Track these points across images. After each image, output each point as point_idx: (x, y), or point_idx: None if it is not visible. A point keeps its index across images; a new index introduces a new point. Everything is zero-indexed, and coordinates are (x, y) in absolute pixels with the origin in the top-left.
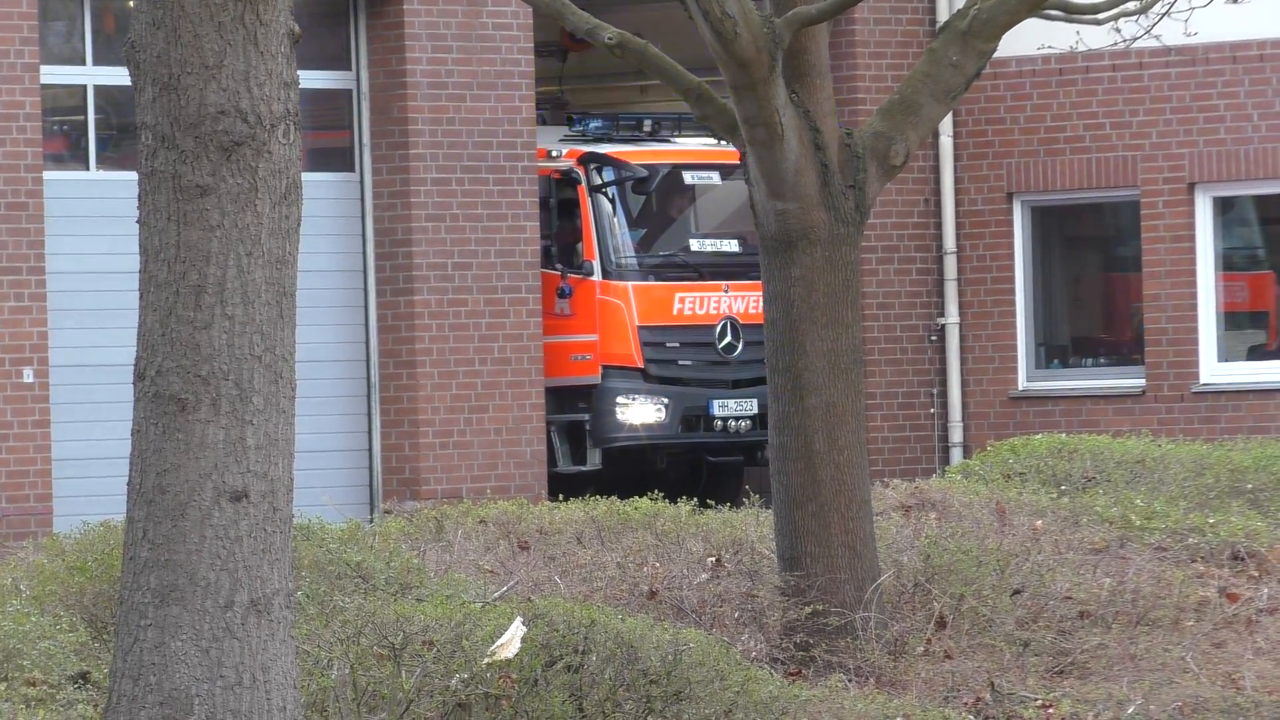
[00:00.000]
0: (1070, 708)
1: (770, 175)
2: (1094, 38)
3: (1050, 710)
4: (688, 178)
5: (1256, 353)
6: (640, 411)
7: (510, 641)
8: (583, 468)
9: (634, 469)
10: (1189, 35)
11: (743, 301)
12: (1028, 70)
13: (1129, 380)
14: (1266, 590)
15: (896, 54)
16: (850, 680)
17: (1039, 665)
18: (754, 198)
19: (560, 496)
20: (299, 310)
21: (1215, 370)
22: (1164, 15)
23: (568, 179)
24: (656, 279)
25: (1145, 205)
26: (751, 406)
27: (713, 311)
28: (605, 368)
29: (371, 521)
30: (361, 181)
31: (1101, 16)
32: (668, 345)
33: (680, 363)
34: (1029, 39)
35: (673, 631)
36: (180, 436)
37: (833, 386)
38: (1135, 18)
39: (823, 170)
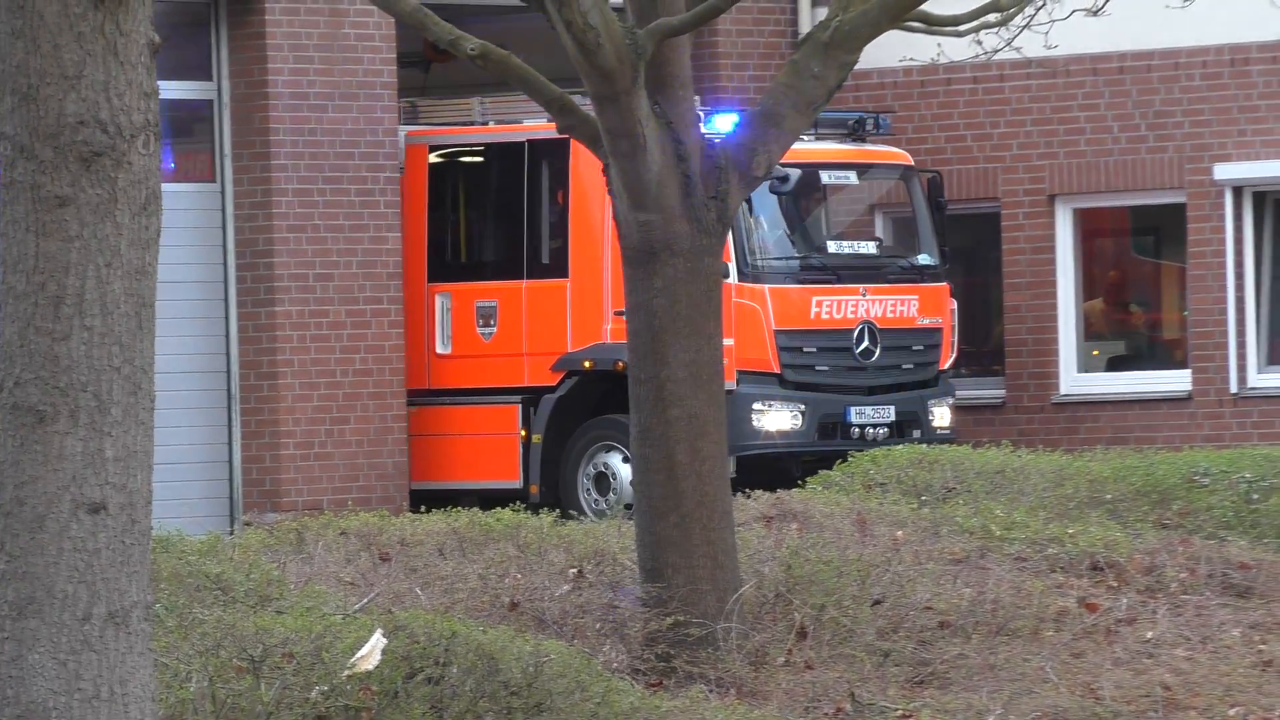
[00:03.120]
0: (930, 718)
1: (633, 186)
2: (955, 50)
3: None
4: (824, 177)
5: (1117, 364)
6: (776, 418)
7: (370, 653)
8: None
9: (767, 478)
10: (1049, 48)
11: (880, 305)
12: (889, 82)
13: (989, 391)
14: (1125, 600)
15: (759, 65)
16: (711, 691)
17: (899, 675)
18: (617, 209)
19: None
20: (159, 321)
21: (1075, 381)
22: (1024, 28)
23: None
24: (794, 282)
25: (1006, 217)
26: (889, 414)
27: (850, 315)
28: (740, 372)
29: (231, 533)
30: (223, 192)
31: (963, 29)
32: (804, 350)
33: (817, 368)
34: (891, 51)
35: (534, 643)
36: (38, 448)
37: (695, 398)
38: (996, 30)
39: (685, 181)
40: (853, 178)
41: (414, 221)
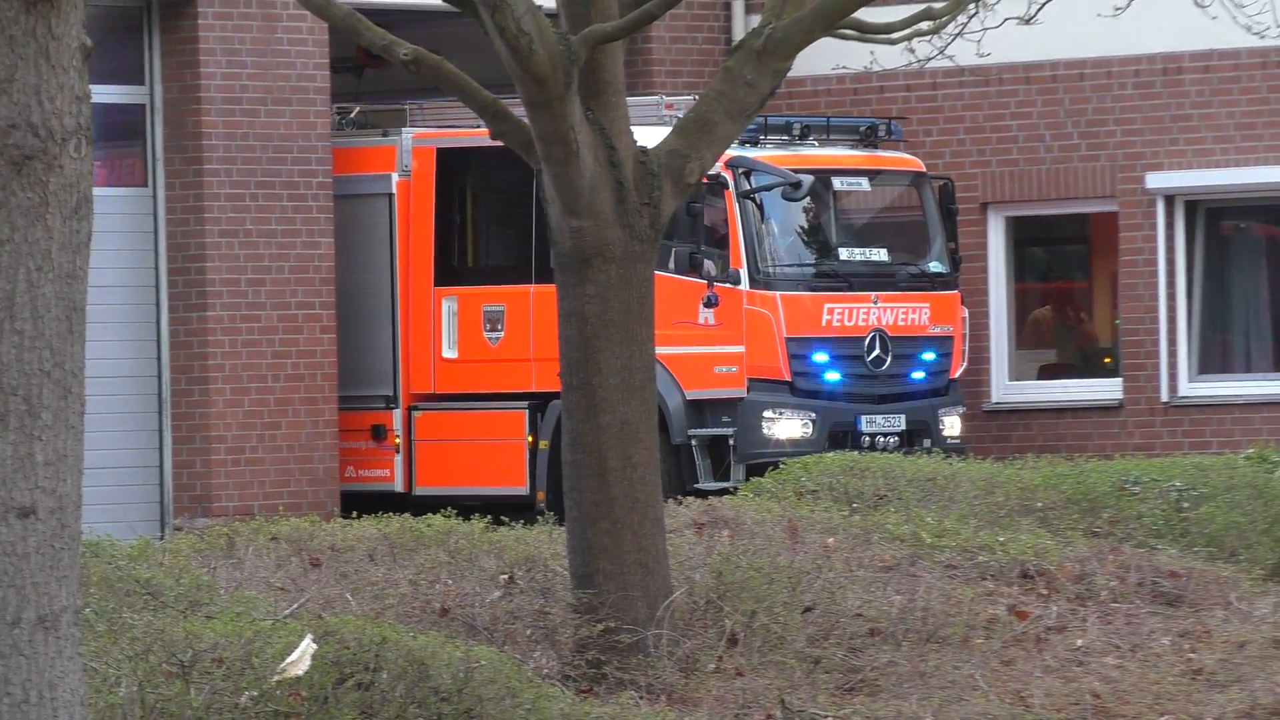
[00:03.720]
0: None
1: (566, 192)
2: (888, 58)
3: None
4: (837, 184)
5: (1048, 372)
6: (787, 426)
7: (300, 659)
8: (725, 484)
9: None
10: (982, 56)
11: (891, 313)
12: (823, 89)
13: None
14: (1055, 608)
15: (692, 72)
16: (642, 698)
17: (829, 682)
18: (549, 215)
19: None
20: (90, 326)
21: (1006, 389)
22: (957, 36)
23: (715, 184)
24: (805, 289)
25: None
26: (899, 423)
27: (861, 323)
28: (751, 380)
29: (162, 538)
30: (155, 196)
31: (895, 36)
32: (815, 358)
33: (828, 376)
34: (824, 58)
35: (464, 649)
36: None
37: (627, 404)
38: (929, 38)
39: (618, 188)
40: (864, 184)
41: (421, 224)
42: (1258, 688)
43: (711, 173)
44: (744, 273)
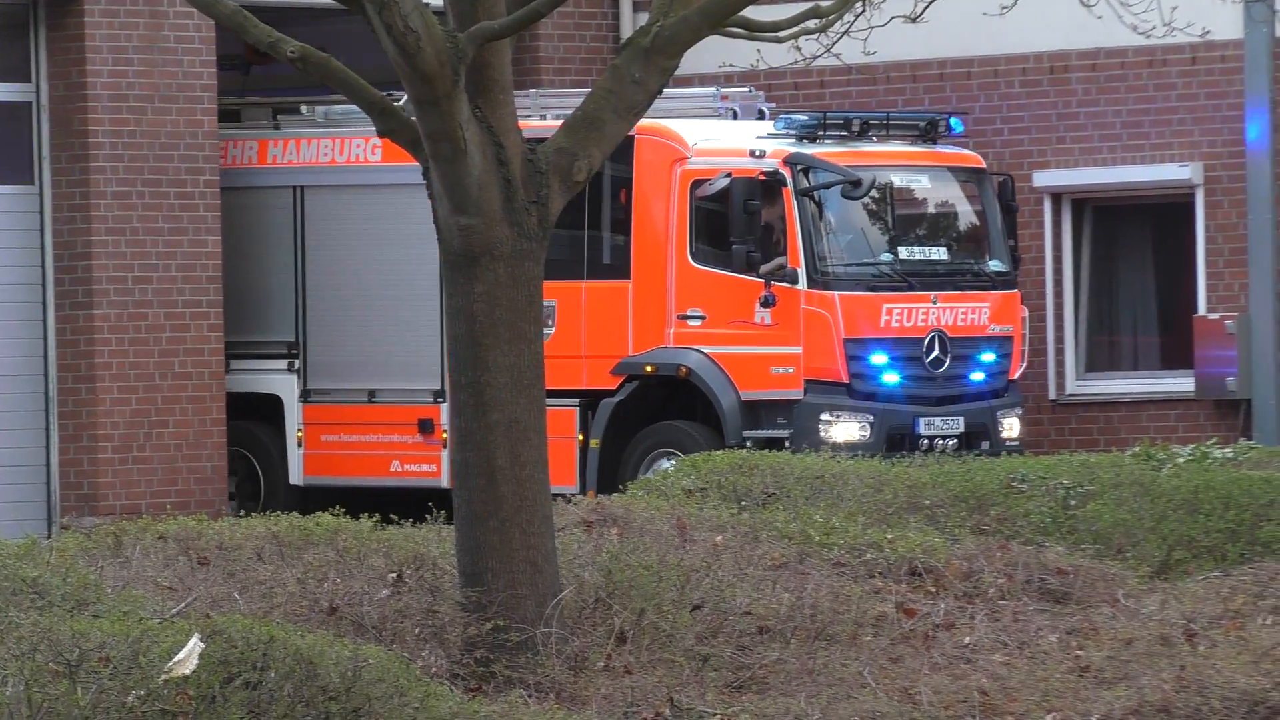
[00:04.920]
0: None
1: (454, 190)
2: (775, 56)
3: None
4: (897, 181)
5: None
6: (844, 429)
7: (188, 658)
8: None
9: None
10: (868, 54)
11: (951, 313)
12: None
13: None
14: (943, 606)
15: (581, 70)
16: (530, 696)
17: (718, 680)
18: (437, 213)
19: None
20: None
21: None
22: (844, 34)
23: (772, 181)
24: (864, 289)
25: None
26: (958, 424)
27: (920, 324)
28: (808, 381)
29: (49, 537)
30: (41, 194)
31: (782, 34)
32: (874, 359)
33: (886, 378)
34: (711, 56)
35: (352, 648)
36: None
37: (515, 402)
38: (816, 36)
39: (506, 186)
40: (924, 181)
41: None
42: (1145, 684)
43: (769, 170)
44: (802, 272)
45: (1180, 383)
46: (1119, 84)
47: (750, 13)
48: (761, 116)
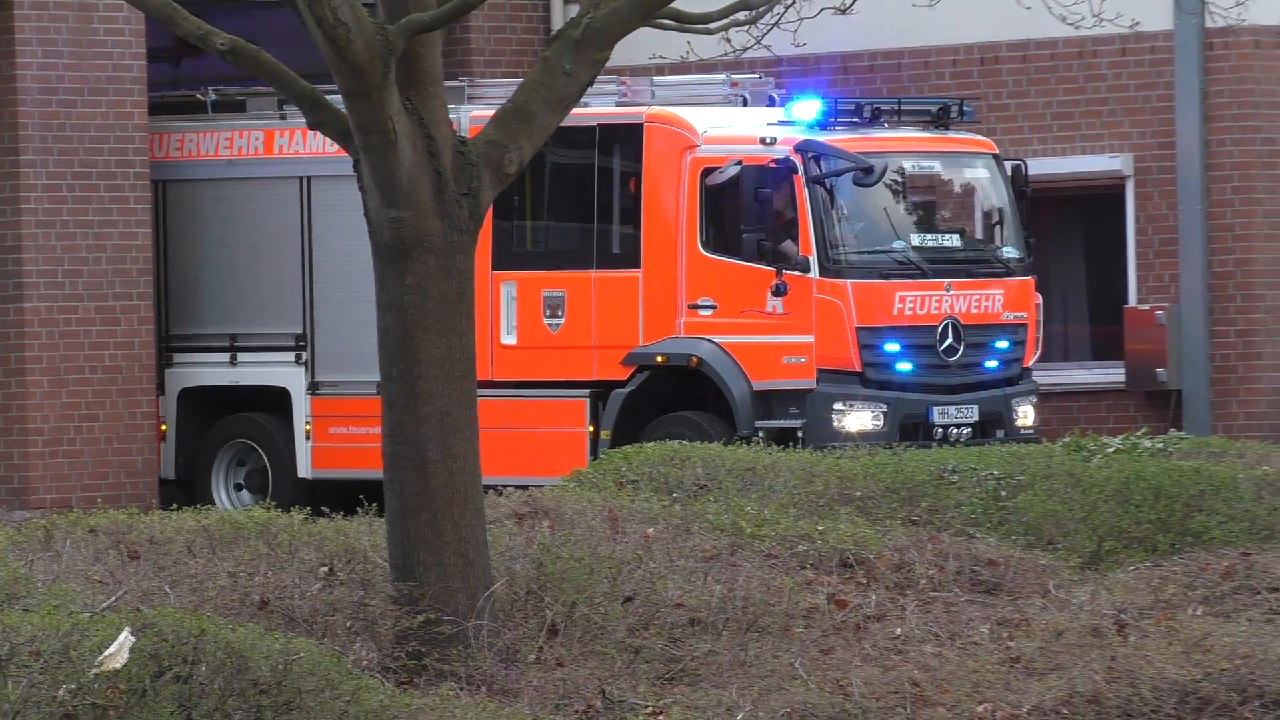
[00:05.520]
0: (681, 714)
1: (384, 183)
2: (705, 48)
3: (661, 717)
4: (909, 167)
5: None
6: (857, 418)
7: (118, 652)
8: None
9: None
10: (799, 46)
11: (965, 300)
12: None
13: None
14: (874, 597)
15: (511, 62)
16: (462, 689)
17: (650, 672)
18: (368, 205)
19: None
20: None
21: None
22: (774, 26)
23: (783, 168)
24: (876, 276)
25: None
26: (972, 413)
27: (934, 311)
28: (821, 371)
29: None
30: None
31: (713, 26)
32: (887, 348)
33: (899, 366)
34: (641, 48)
35: (283, 641)
36: None
37: (446, 394)
38: (746, 28)
39: (437, 178)
40: (937, 167)
41: None
42: (1075, 675)
43: (780, 157)
44: (813, 260)
45: (1111, 373)
46: (1049, 75)
47: (681, 4)
48: (771, 103)
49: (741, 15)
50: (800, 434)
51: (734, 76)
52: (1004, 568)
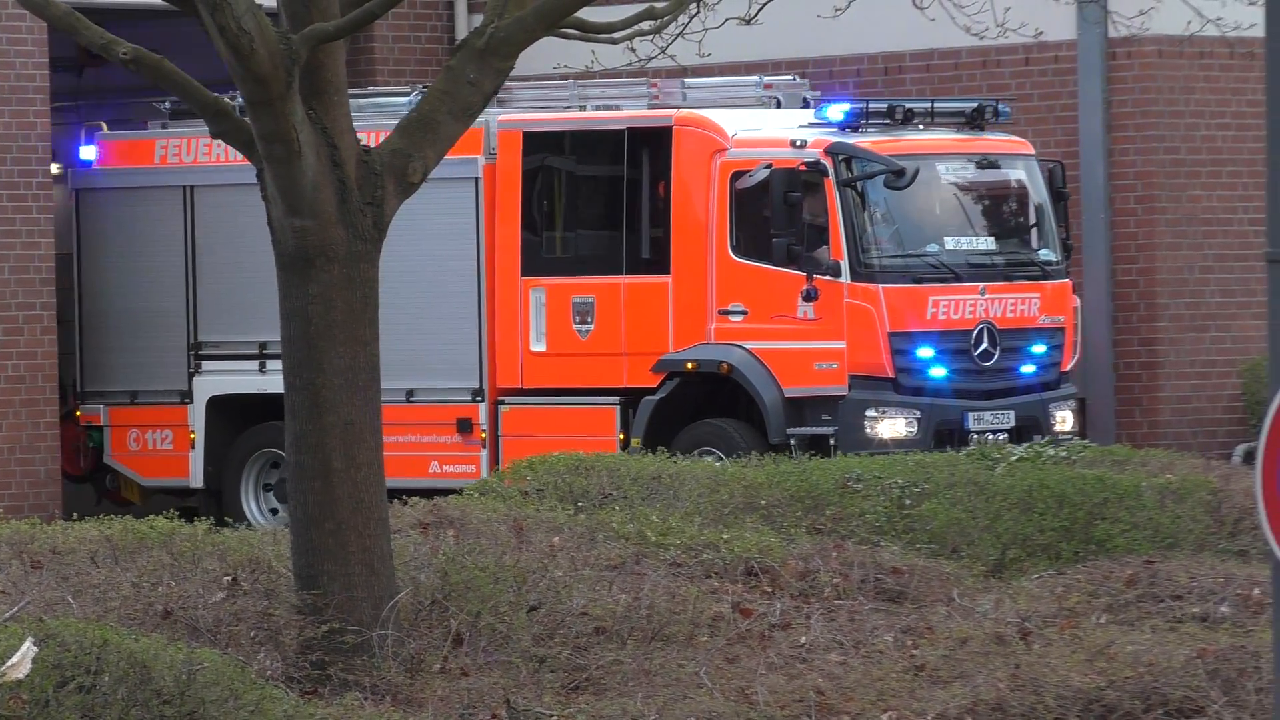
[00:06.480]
0: None
1: (288, 192)
2: (610, 57)
3: None
4: (942, 170)
5: None
6: (891, 425)
7: (21, 662)
8: None
9: None
10: (703, 56)
11: (1000, 304)
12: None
13: None
14: (779, 605)
15: (416, 71)
16: (366, 698)
17: (555, 681)
18: (272, 215)
19: None
20: None
21: None
22: (679, 35)
23: (814, 172)
24: (909, 281)
25: None
26: (1008, 419)
27: (968, 316)
28: (853, 377)
29: None
30: None
31: (617, 36)
32: (920, 353)
33: (933, 372)
34: (546, 58)
35: (187, 651)
36: None
37: (351, 404)
38: (651, 37)
39: (340, 187)
40: (970, 169)
41: (507, 211)
42: (980, 683)
43: (811, 160)
44: (845, 264)
45: None
46: (953, 84)
47: (585, 14)
48: (806, 105)
49: (646, 25)
50: (832, 441)
51: (767, 79)
52: (908, 576)
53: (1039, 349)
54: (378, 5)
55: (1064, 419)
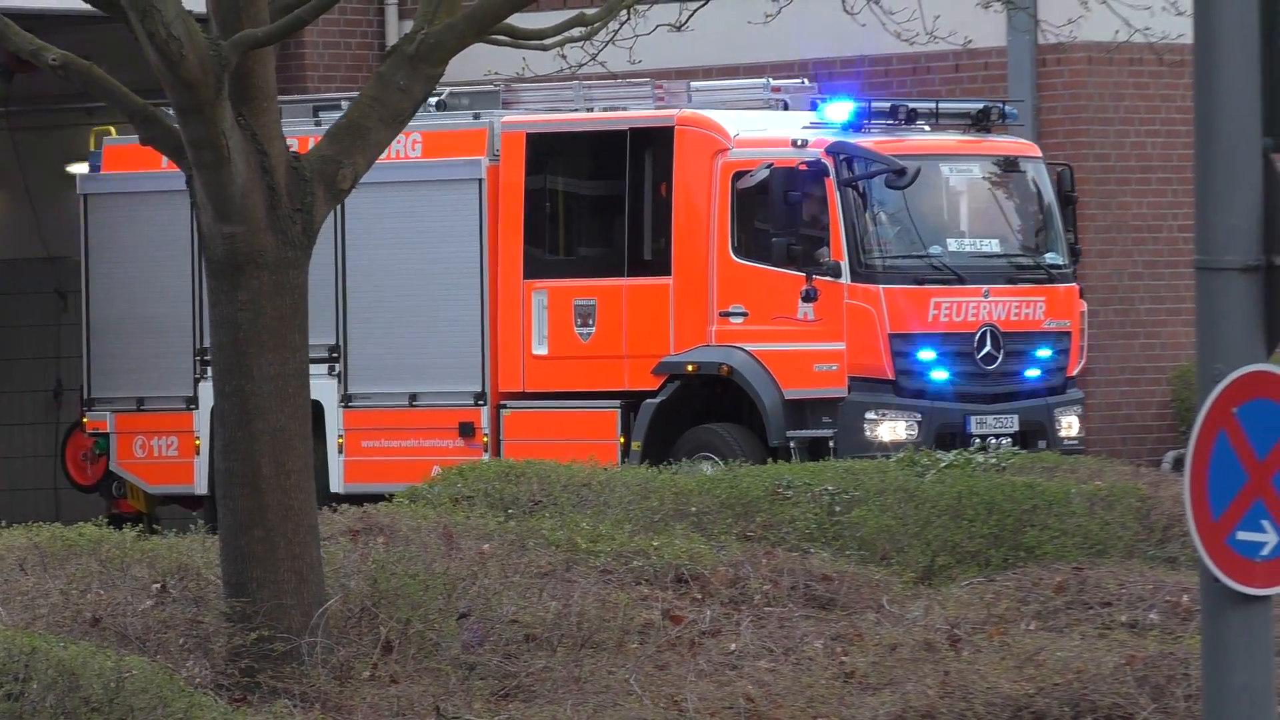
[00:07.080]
0: None
1: (217, 198)
2: (541, 64)
3: None
4: (945, 171)
5: None
6: (891, 428)
7: None
8: None
9: None
10: (634, 62)
11: (1004, 307)
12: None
13: None
14: (709, 612)
15: (346, 77)
16: (296, 706)
17: (485, 689)
18: (201, 221)
19: None
20: None
21: None
22: (609, 42)
23: (814, 171)
24: (910, 282)
25: None
26: (1012, 423)
27: (971, 318)
28: (853, 379)
29: None
30: None
31: (548, 42)
32: (921, 355)
33: (934, 375)
34: (477, 64)
35: (116, 659)
36: None
37: (280, 411)
38: (581, 44)
39: (270, 194)
40: (974, 170)
41: (510, 213)
42: (909, 690)
43: (811, 160)
44: (845, 265)
45: None
46: (883, 91)
47: (516, 20)
48: (814, 107)
49: (576, 31)
50: (832, 444)
51: (775, 81)
52: (838, 583)
53: (1044, 353)
54: (308, 11)
55: (1070, 424)
